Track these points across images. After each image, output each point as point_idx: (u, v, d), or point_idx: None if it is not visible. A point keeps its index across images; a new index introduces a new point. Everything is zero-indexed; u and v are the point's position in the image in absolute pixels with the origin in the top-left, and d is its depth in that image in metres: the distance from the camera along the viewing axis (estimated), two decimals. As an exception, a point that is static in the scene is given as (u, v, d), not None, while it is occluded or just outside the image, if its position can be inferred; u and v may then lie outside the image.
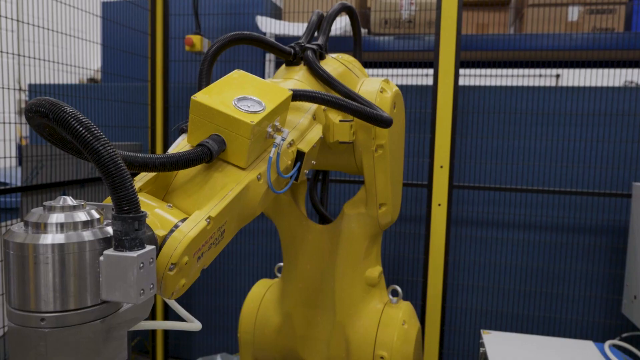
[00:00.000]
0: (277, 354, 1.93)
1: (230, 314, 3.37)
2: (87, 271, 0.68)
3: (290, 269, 1.89)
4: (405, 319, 1.81)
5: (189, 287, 0.95)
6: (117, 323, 0.72)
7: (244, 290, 3.28)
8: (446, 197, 2.69)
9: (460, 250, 2.99)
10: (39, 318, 0.66)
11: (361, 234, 1.78)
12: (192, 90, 3.29)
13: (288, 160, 1.21)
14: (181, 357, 3.51)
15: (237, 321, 3.39)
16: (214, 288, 3.40)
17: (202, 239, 0.93)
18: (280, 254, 3.29)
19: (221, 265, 3.37)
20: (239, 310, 3.34)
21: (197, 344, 3.49)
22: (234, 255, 3.33)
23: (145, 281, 0.70)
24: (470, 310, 3.01)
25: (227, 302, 3.38)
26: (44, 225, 0.68)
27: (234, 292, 3.37)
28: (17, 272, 0.67)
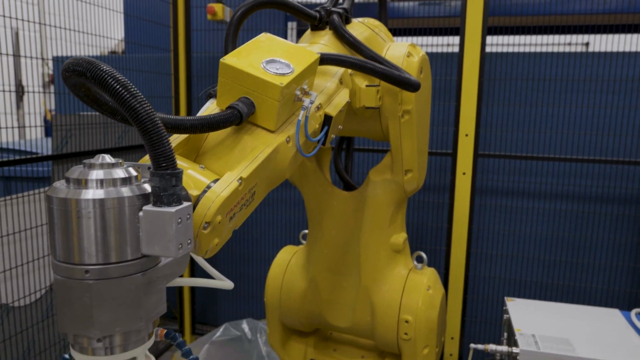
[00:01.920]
0: (303, 318, 1.97)
1: (255, 282, 3.44)
2: (127, 226, 0.70)
3: (316, 236, 1.91)
4: (430, 285, 1.82)
5: (221, 247, 0.97)
6: (157, 277, 0.75)
7: (268, 258, 3.34)
8: (471, 165, 2.66)
9: (484, 219, 2.97)
10: (83, 270, 0.68)
11: (386, 200, 1.78)
12: (214, 59, 3.28)
13: (316, 124, 1.21)
14: (208, 322, 3.60)
15: (262, 288, 3.46)
16: (239, 256, 3.46)
17: (234, 199, 0.94)
18: (304, 222, 3.32)
19: (245, 234, 3.42)
20: (263, 277, 3.40)
21: (223, 311, 3.58)
22: (257, 224, 3.38)
23: (183, 236, 0.72)
24: (494, 279, 3.01)
25: (252, 270, 3.44)
26: (84, 181, 0.70)
27: (258, 260, 3.43)
28: (61, 227, 0.69)
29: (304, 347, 2.10)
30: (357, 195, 1.82)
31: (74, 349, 0.75)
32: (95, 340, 0.71)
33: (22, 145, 3.22)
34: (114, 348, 0.73)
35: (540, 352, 1.75)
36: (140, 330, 0.75)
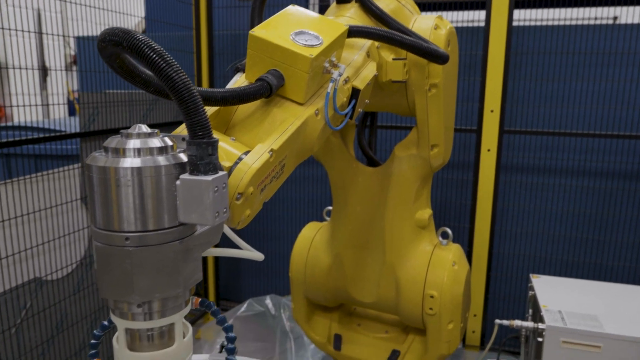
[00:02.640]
0: (327, 293, 1.99)
1: (278, 259, 3.47)
2: (164, 194, 0.71)
3: (340, 212, 1.91)
4: (456, 260, 1.82)
5: (252, 218, 0.98)
6: (193, 245, 0.76)
7: (291, 236, 3.36)
8: (496, 142, 2.62)
9: (509, 197, 2.93)
10: (123, 237, 0.70)
11: (412, 176, 1.77)
12: (236, 37, 3.27)
13: (344, 97, 1.21)
14: (231, 299, 3.67)
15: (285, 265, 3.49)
16: (262, 234, 3.49)
17: (265, 170, 0.95)
18: (326, 200, 3.33)
19: (269, 212, 3.44)
20: (286, 254, 3.43)
21: (247, 287, 3.64)
22: (281, 201, 3.40)
23: (219, 204, 0.73)
24: (518, 257, 2.98)
25: (275, 247, 3.47)
26: (122, 150, 0.71)
27: (281, 237, 3.46)
28: (100, 195, 0.70)
29: (328, 322, 2.12)
30: (382, 171, 1.81)
31: (114, 314, 0.77)
32: (135, 305, 0.73)
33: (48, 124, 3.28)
34: (153, 314, 0.75)
35: (567, 328, 1.75)
36: (177, 297, 0.77)
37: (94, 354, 0.92)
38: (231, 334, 0.90)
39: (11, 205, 1.94)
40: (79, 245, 2.28)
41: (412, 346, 1.95)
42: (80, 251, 2.30)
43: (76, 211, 2.25)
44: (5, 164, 2.74)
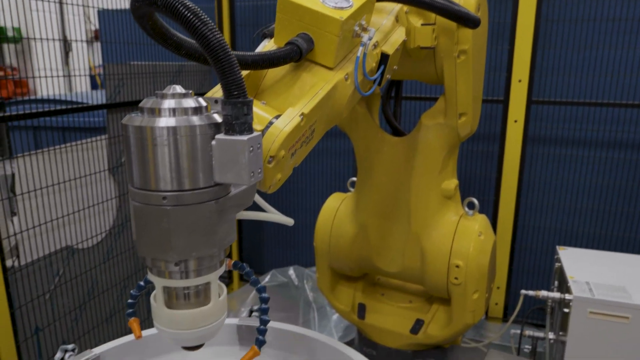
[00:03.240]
0: (352, 263, 2.00)
1: (301, 231, 3.50)
2: (199, 154, 0.71)
3: (365, 182, 1.91)
4: (482, 230, 1.80)
5: (282, 182, 0.98)
6: (228, 206, 0.76)
7: (313, 208, 3.38)
8: (523, 113, 2.57)
9: (535, 169, 2.88)
10: (160, 196, 0.71)
11: (439, 145, 1.75)
12: (258, 8, 3.24)
13: (373, 62, 1.19)
14: (254, 270, 3.72)
15: (308, 237, 3.52)
16: (285, 206, 3.52)
17: (296, 134, 0.94)
18: (348, 172, 3.33)
19: (291, 185, 3.46)
20: (309, 226, 3.45)
21: (270, 259, 3.69)
22: (303, 174, 3.41)
23: (254, 164, 0.73)
24: (543, 229, 2.95)
25: (298, 219, 3.47)
26: (158, 110, 0.71)
27: (303, 209, 3.48)
28: (137, 154, 0.71)
29: (352, 291, 2.14)
30: (408, 141, 1.79)
31: (151, 272, 0.78)
32: (173, 264, 0.74)
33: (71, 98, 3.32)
34: (189, 273, 0.77)
35: (595, 299, 1.73)
36: (213, 257, 0.78)
37: (131, 313, 0.94)
38: (264, 294, 0.91)
39: (42, 176, 1.98)
40: (107, 215, 2.33)
41: (436, 316, 1.95)
42: (109, 221, 2.35)
43: (104, 182, 2.29)
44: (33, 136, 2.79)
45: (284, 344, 1.26)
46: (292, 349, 1.27)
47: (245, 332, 1.30)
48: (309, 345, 1.25)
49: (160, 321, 0.80)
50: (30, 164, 1.93)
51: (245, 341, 1.30)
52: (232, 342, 1.31)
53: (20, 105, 2.20)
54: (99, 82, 5.97)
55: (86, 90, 4.96)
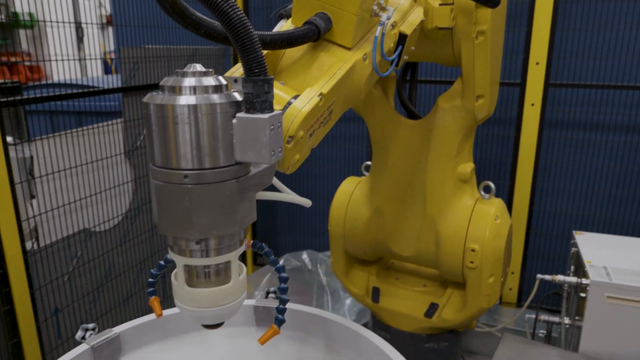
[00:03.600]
0: (366, 247, 2.00)
1: (314, 216, 3.51)
2: (220, 132, 0.71)
3: (380, 165, 1.90)
4: (498, 214, 1.79)
5: (300, 163, 0.98)
6: (248, 185, 0.76)
7: (327, 193, 3.38)
8: (541, 96, 2.53)
9: (551, 153, 2.84)
10: (182, 175, 0.71)
11: (455, 128, 1.73)
12: (271, -10, 3.21)
13: (391, 43, 1.18)
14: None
15: (321, 222, 3.53)
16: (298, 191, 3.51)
17: (315, 115, 0.94)
18: (362, 157, 3.31)
19: (304, 169, 3.45)
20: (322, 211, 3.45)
21: (283, 243, 3.70)
22: (316, 159, 3.40)
23: (275, 143, 0.72)
24: (559, 214, 2.92)
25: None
26: (179, 88, 0.71)
27: (317, 195, 3.48)
28: (158, 132, 0.71)
29: (366, 275, 2.14)
30: (424, 124, 1.78)
31: (172, 251, 0.79)
32: (194, 242, 0.75)
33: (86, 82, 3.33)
34: (210, 251, 0.77)
35: (612, 283, 1.71)
36: (233, 236, 0.78)
37: (151, 292, 0.95)
38: (284, 274, 0.92)
39: (60, 159, 2.00)
40: (124, 198, 2.35)
41: (451, 299, 1.95)
42: (125, 204, 2.37)
43: (120, 165, 2.31)
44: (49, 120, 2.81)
45: (301, 325, 1.27)
46: (309, 330, 1.28)
47: (262, 313, 1.31)
48: (326, 327, 1.25)
49: (181, 299, 0.81)
50: (47, 147, 1.95)
51: (262, 322, 1.31)
52: (249, 323, 1.33)
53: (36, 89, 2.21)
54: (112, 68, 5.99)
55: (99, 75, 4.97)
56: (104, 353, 1.15)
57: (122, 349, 1.19)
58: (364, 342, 1.18)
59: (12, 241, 1.78)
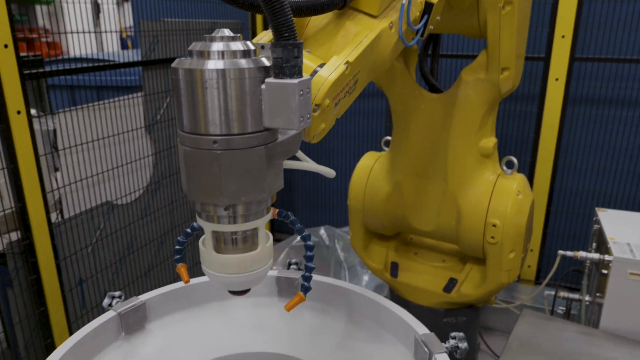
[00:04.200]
0: (385, 222, 2.00)
1: (332, 192, 3.51)
2: (249, 97, 0.71)
3: (401, 140, 1.88)
4: (520, 190, 1.77)
5: (325, 133, 0.98)
6: (276, 152, 0.76)
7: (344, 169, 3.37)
8: (565, 70, 2.47)
9: (575, 129, 2.79)
10: (211, 140, 0.71)
11: (479, 101, 1.70)
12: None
13: (417, 11, 1.15)
14: (285, 231, 3.77)
15: (339, 198, 3.53)
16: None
17: (341, 83, 0.93)
18: (380, 133, 3.29)
19: (323, 145, 3.44)
20: (340, 188, 3.46)
21: (301, 219, 3.72)
22: (334, 135, 3.39)
23: (304, 109, 0.72)
24: (581, 192, 2.88)
25: (329, 180, 3.50)
26: (207, 53, 0.70)
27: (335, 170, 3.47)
28: (187, 98, 0.71)
29: (385, 250, 2.15)
30: (447, 97, 1.75)
31: (200, 217, 0.79)
32: (222, 208, 0.75)
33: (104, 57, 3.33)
34: (237, 217, 0.77)
35: (636, 260, 1.69)
36: (260, 203, 0.78)
37: (178, 259, 0.97)
38: (309, 242, 0.92)
39: (82, 132, 2.02)
40: (144, 172, 2.37)
41: (470, 275, 1.95)
42: (146, 178, 2.39)
43: (140, 139, 2.32)
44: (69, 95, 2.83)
45: (322, 295, 1.28)
46: (331, 300, 1.29)
47: (284, 283, 1.32)
48: (347, 297, 1.26)
49: (208, 265, 0.81)
50: (70, 120, 1.96)
51: (284, 292, 1.33)
52: (272, 294, 1.34)
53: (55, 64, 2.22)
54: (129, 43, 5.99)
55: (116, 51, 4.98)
56: (130, 320, 1.18)
57: (147, 316, 1.22)
58: (385, 313, 1.18)
59: (38, 212, 1.82)
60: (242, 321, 1.27)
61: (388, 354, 1.12)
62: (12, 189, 1.75)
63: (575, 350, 1.59)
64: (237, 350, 1.17)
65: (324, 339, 1.20)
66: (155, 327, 1.22)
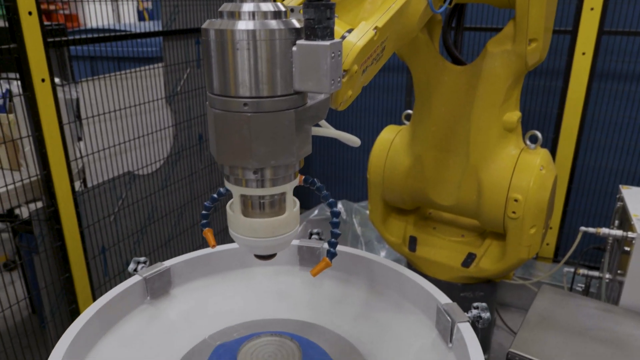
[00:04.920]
0: (405, 195, 2.00)
1: (350, 166, 3.50)
2: (280, 59, 0.70)
3: (423, 113, 1.86)
4: (544, 165, 1.75)
5: (352, 100, 0.97)
6: (305, 116, 0.76)
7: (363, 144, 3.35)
8: (593, 44, 2.41)
9: (600, 106, 2.73)
10: (241, 103, 0.70)
11: (504, 73, 1.67)
12: None
13: (446, -23, 1.13)
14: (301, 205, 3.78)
15: (357, 172, 3.52)
16: (333, 142, 3.51)
17: (370, 49, 0.92)
18: (400, 108, 3.26)
19: (342, 120, 3.42)
20: (358, 162, 3.45)
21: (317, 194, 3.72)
22: (352, 110, 3.36)
23: (335, 72, 0.71)
24: (603, 169, 2.83)
25: (347, 155, 3.49)
26: (238, 13, 0.70)
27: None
28: (217, 59, 0.70)
29: (403, 224, 2.15)
30: (471, 69, 1.72)
31: (228, 181, 0.80)
32: (251, 172, 0.75)
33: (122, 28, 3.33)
34: (265, 182, 0.77)
35: (660, 237, 1.67)
36: (288, 167, 0.78)
37: (205, 224, 0.98)
38: (336, 209, 0.92)
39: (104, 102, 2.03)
40: (164, 143, 2.39)
41: (489, 250, 1.95)
42: (166, 149, 2.41)
43: (161, 110, 2.33)
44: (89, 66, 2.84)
45: (344, 265, 1.29)
46: (352, 270, 1.29)
47: (305, 252, 1.33)
48: (369, 267, 1.27)
49: (236, 229, 0.82)
50: (93, 89, 1.97)
51: (305, 262, 1.34)
52: (293, 263, 1.35)
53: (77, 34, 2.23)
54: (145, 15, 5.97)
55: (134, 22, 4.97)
56: (156, 285, 1.20)
57: (172, 281, 1.24)
58: (407, 283, 1.19)
59: (62, 180, 1.85)
60: (264, 289, 1.29)
61: (409, 323, 1.13)
62: (37, 156, 1.77)
63: (595, 326, 1.59)
64: (259, 316, 1.19)
65: (345, 307, 1.21)
66: (179, 293, 1.25)
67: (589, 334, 1.55)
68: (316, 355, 1.01)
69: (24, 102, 1.70)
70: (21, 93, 1.69)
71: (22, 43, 1.63)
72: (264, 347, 0.99)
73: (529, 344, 1.51)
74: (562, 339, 1.53)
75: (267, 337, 1.02)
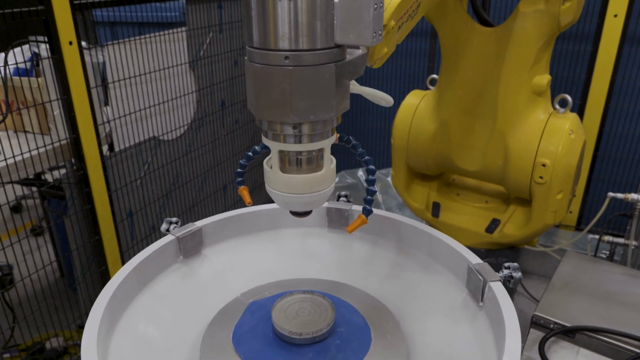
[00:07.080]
0: (429, 161, 1.99)
1: (371, 134, 3.48)
2: (322, 11, 0.69)
3: (450, 76, 1.83)
4: (573, 129, 1.72)
5: (387, 58, 0.96)
6: (345, 71, 0.75)
7: (384, 111, 3.33)
8: (626, 5, 2.32)
9: (630, 72, 2.65)
10: (282, 56, 0.70)
11: (535, 35, 1.63)
12: None
13: None
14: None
15: (378, 140, 3.51)
16: (357, 109, 3.48)
17: (406, 5, 0.91)
18: (423, 74, 3.21)
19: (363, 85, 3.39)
20: (379, 130, 3.43)
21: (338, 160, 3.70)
22: (375, 76, 3.32)
23: (377, 24, 0.70)
24: (630, 138, 2.77)
25: (368, 122, 3.47)
26: (280, -36, 0.69)
27: (374, 113, 3.43)
28: (257, 10, 0.70)
29: (427, 190, 2.14)
30: (501, 31, 1.68)
31: (266, 137, 0.80)
32: (291, 127, 0.75)
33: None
34: (303, 137, 0.78)
35: (692, 203, 1.65)
36: (326, 123, 0.78)
37: (240, 182, 0.99)
38: (371, 166, 0.92)
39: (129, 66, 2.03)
40: (188, 109, 2.40)
41: (514, 216, 1.94)
42: (190, 114, 2.42)
43: (184, 75, 2.33)
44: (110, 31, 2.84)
45: (373, 227, 1.29)
46: (381, 232, 1.30)
47: (334, 214, 1.34)
48: (398, 229, 1.28)
49: (273, 185, 0.83)
50: (117, 54, 1.98)
51: (334, 223, 1.35)
52: (322, 225, 1.37)
53: None
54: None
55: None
56: (188, 244, 1.22)
57: (203, 242, 1.26)
58: (436, 244, 1.19)
59: (91, 144, 1.87)
60: (294, 250, 1.31)
61: (439, 283, 1.14)
62: (66, 120, 1.80)
63: (621, 290, 1.59)
64: (289, 276, 1.21)
65: (374, 268, 1.23)
66: (211, 252, 1.27)
67: (615, 298, 1.55)
68: (347, 312, 1.03)
69: (52, 65, 1.71)
70: (50, 56, 1.70)
71: (49, 5, 1.63)
72: (297, 304, 1.01)
73: (554, 307, 1.51)
74: (587, 303, 1.53)
75: (299, 294, 1.04)
